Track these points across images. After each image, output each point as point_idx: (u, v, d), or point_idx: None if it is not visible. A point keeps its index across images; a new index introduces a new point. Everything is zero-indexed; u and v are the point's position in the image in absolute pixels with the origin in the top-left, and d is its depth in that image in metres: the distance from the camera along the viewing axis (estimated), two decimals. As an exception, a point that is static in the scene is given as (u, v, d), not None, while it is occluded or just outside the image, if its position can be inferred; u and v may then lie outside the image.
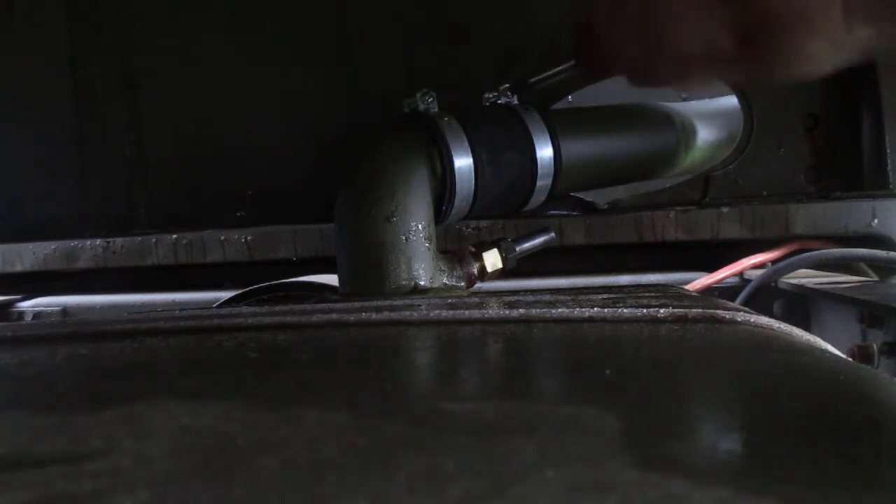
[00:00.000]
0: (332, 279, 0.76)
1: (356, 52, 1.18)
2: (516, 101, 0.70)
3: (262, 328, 0.42)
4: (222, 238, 1.13)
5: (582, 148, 0.72)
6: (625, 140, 0.77)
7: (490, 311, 0.43)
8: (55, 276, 1.21)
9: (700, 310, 0.41)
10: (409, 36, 1.16)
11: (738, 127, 1.00)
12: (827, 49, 0.42)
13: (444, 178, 0.64)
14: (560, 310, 0.42)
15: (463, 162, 0.64)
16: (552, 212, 1.04)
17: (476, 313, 0.42)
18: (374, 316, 0.42)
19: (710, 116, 0.94)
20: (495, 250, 0.69)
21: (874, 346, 0.73)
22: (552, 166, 0.68)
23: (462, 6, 1.09)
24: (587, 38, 0.49)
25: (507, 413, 0.25)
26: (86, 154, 1.27)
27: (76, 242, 1.19)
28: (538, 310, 0.42)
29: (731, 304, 0.54)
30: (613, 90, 0.51)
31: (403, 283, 0.62)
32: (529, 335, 0.39)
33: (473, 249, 0.69)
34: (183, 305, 1.08)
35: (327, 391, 0.29)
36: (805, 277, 0.96)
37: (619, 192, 1.06)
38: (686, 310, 0.41)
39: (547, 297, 0.51)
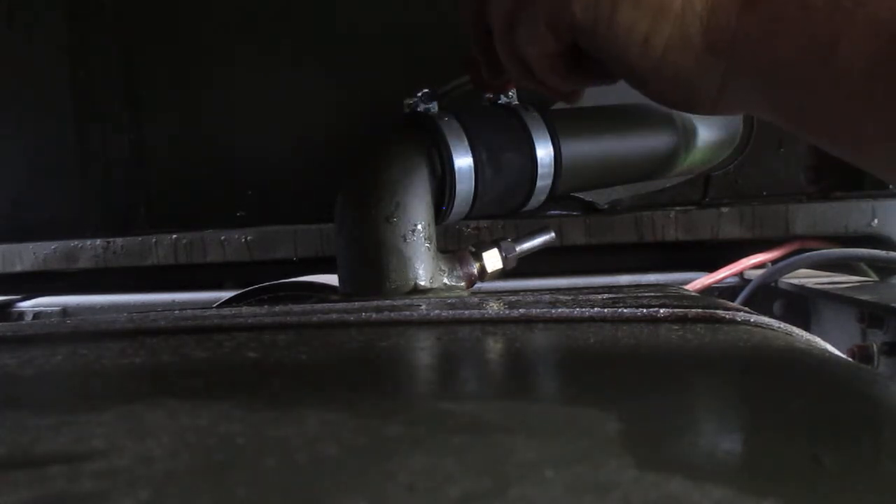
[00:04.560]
0: (332, 279, 0.76)
1: (356, 52, 1.18)
2: (516, 101, 0.70)
3: (262, 328, 0.42)
4: (222, 238, 1.13)
5: (582, 148, 0.72)
6: (625, 140, 0.76)
7: (490, 311, 0.43)
8: (55, 276, 1.21)
9: (700, 310, 0.41)
10: (409, 35, 1.16)
11: (738, 127, 1.00)
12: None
13: (444, 178, 0.64)
14: (560, 310, 0.42)
15: (463, 162, 0.64)
16: (552, 212, 1.04)
17: (476, 313, 0.42)
18: (374, 316, 0.42)
19: (710, 117, 0.94)
20: (495, 250, 0.69)
21: (874, 346, 0.73)
22: (552, 166, 0.68)
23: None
24: (471, 59, 0.58)
25: (507, 413, 0.25)
26: (86, 154, 1.27)
27: (76, 242, 1.19)
28: (538, 310, 0.42)
29: (731, 304, 0.54)
30: (613, 91, 0.52)
31: (403, 283, 0.62)
32: (529, 335, 0.39)
33: (473, 249, 0.69)
34: (183, 305, 1.08)
35: (327, 391, 0.29)
36: (805, 277, 0.96)
37: (619, 192, 1.06)
38: (686, 310, 0.41)
39: (547, 297, 0.51)
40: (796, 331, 0.41)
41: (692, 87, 0.39)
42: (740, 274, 0.98)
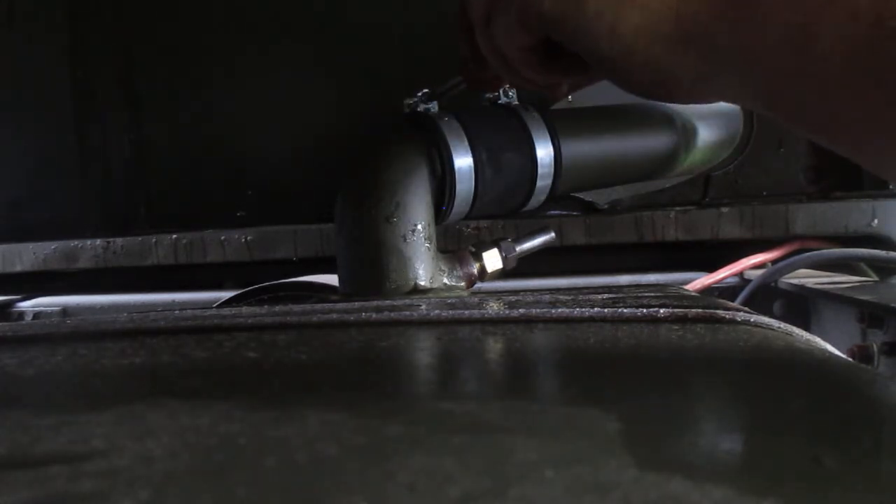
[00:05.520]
0: (332, 279, 0.76)
1: (356, 52, 1.18)
2: (516, 101, 0.70)
3: (262, 328, 0.42)
4: (222, 238, 1.13)
5: (582, 148, 0.72)
6: (625, 140, 0.76)
7: (490, 311, 0.43)
8: (55, 276, 1.21)
9: (700, 310, 0.41)
10: (409, 35, 1.16)
11: (738, 127, 1.00)
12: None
13: (443, 178, 0.64)
14: (560, 310, 0.42)
15: (463, 162, 0.64)
16: (552, 212, 1.04)
17: (476, 313, 0.42)
18: (374, 316, 0.42)
19: (710, 117, 0.94)
20: (495, 250, 0.69)
21: (874, 346, 0.73)
22: (552, 166, 0.68)
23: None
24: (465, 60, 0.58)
25: (507, 413, 0.25)
26: (86, 154, 1.27)
27: (76, 242, 1.19)
28: (538, 310, 0.42)
29: (731, 304, 0.54)
30: (614, 91, 0.52)
31: (403, 283, 0.62)
32: (530, 335, 0.39)
33: (473, 249, 0.69)
34: (183, 305, 1.08)
35: (327, 391, 0.29)
36: (805, 277, 0.96)
37: (619, 192, 1.06)
38: (686, 310, 0.41)
39: (547, 297, 0.51)
40: (796, 331, 0.41)
41: (665, 76, 0.39)
42: (740, 274, 0.98)
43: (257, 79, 1.21)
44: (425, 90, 0.66)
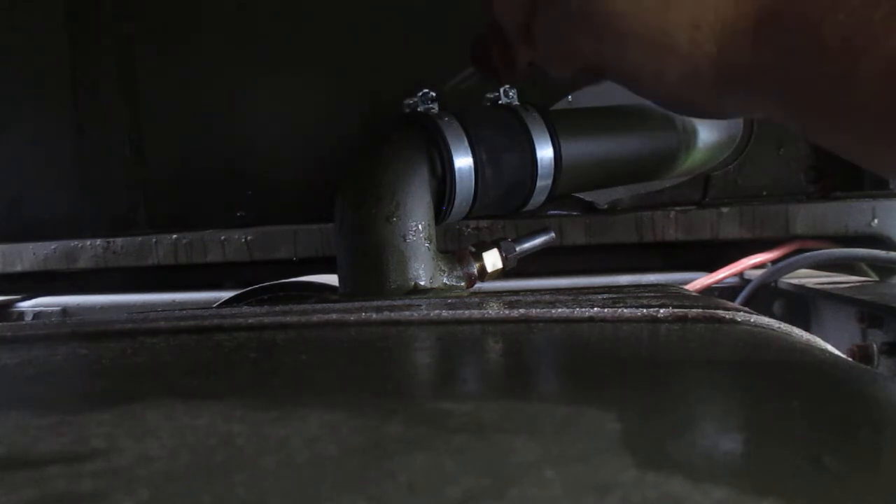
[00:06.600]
0: (332, 279, 0.76)
1: (356, 52, 1.18)
2: (517, 102, 0.70)
3: (262, 328, 0.42)
4: (222, 238, 1.13)
5: (583, 149, 0.72)
6: (626, 141, 0.76)
7: (490, 311, 0.43)
8: (55, 276, 1.21)
9: (700, 310, 0.41)
10: (409, 34, 1.16)
11: (738, 127, 1.00)
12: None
13: (444, 178, 0.64)
14: (560, 310, 0.42)
15: (463, 162, 0.64)
16: (552, 212, 1.04)
17: (476, 313, 0.42)
18: (374, 316, 0.42)
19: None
20: (495, 250, 0.69)
21: (874, 346, 0.73)
22: (552, 167, 0.68)
23: (462, 5, 1.09)
24: (481, 48, 0.55)
25: (507, 413, 0.25)
26: (86, 154, 1.27)
27: (76, 242, 1.19)
28: (538, 310, 0.42)
29: (731, 304, 0.53)
30: (614, 91, 0.51)
31: (403, 283, 0.62)
32: (529, 335, 0.39)
33: (473, 249, 0.69)
34: (183, 305, 1.08)
35: (327, 391, 0.29)
36: (805, 277, 0.96)
37: (619, 192, 1.06)
38: (686, 310, 0.41)
39: (547, 297, 0.51)
40: (796, 331, 0.41)
41: (707, 110, 0.40)
42: (740, 274, 0.98)
43: (257, 78, 1.21)
44: (425, 90, 0.66)
